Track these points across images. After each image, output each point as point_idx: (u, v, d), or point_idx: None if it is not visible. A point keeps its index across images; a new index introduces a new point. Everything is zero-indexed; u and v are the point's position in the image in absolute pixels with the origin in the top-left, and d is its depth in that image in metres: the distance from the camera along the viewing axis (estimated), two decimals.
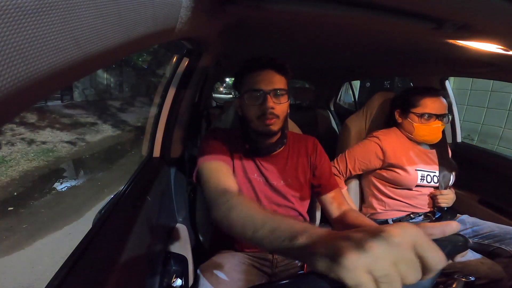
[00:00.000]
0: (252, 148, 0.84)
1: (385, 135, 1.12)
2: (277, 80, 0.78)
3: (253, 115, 0.78)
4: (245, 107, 0.80)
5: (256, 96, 0.77)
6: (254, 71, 0.78)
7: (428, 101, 1.04)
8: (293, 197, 0.87)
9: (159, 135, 1.01)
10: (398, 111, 1.12)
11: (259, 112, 0.77)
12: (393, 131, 1.15)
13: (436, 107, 1.03)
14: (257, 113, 0.77)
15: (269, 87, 0.76)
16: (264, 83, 0.76)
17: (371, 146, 1.11)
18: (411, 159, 1.08)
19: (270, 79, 0.77)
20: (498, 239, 0.96)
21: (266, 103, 0.75)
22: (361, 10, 0.56)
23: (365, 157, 1.11)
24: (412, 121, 1.07)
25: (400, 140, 1.11)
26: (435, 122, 1.04)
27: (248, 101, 0.78)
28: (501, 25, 0.55)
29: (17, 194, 3.97)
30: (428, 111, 1.03)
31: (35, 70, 0.16)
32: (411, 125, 1.07)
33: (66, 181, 4.48)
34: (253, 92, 0.77)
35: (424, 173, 1.06)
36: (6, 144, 5.21)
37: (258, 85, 0.76)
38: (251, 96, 0.77)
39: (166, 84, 1.04)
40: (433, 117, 1.03)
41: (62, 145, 5.86)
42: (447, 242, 0.46)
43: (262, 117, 0.77)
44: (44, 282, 0.42)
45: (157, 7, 0.30)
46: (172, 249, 0.84)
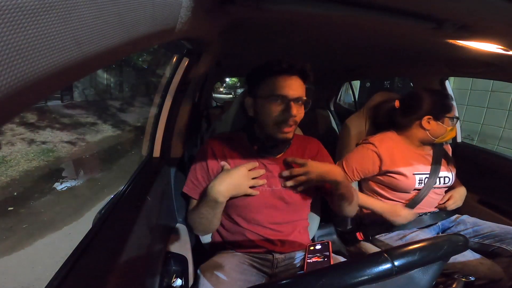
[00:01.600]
0: (260, 149, 0.83)
1: (381, 141, 1.10)
2: (301, 87, 0.76)
3: (271, 120, 0.76)
4: (263, 111, 0.77)
5: (278, 102, 0.74)
6: (279, 74, 0.75)
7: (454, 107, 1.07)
8: (296, 200, 0.87)
9: (159, 135, 1.01)
10: (429, 117, 1.05)
11: (280, 118, 0.75)
12: (389, 135, 1.13)
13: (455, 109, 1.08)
14: (277, 119, 0.75)
15: (295, 95, 0.74)
16: (290, 90, 0.74)
17: (368, 154, 1.09)
18: (409, 164, 1.07)
19: (296, 86, 0.75)
20: (499, 239, 0.96)
21: (290, 111, 0.73)
22: (361, 10, 0.56)
23: (363, 165, 1.10)
24: (445, 125, 1.05)
25: (397, 144, 1.10)
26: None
27: (270, 105, 0.75)
28: (501, 25, 0.55)
29: (17, 194, 3.96)
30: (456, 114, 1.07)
31: (35, 70, 0.16)
32: (443, 129, 1.05)
33: (66, 181, 4.47)
34: (274, 98, 0.74)
35: (422, 176, 1.06)
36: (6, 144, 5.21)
37: (284, 91, 0.73)
38: (273, 101, 0.75)
39: (166, 84, 1.04)
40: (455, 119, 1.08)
41: (62, 145, 5.85)
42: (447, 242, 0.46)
43: (282, 124, 0.75)
44: (44, 282, 0.42)
45: (157, 7, 0.30)
46: (172, 249, 0.84)
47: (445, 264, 0.48)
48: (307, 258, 0.78)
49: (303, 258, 0.81)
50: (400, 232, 1.08)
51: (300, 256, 0.86)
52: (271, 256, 0.86)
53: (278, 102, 0.75)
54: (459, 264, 0.89)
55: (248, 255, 0.86)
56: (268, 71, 0.76)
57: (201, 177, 0.86)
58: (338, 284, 0.39)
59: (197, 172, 0.87)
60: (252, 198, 0.83)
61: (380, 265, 0.40)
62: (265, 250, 0.86)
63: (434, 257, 0.44)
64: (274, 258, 0.86)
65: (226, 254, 0.86)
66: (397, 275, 0.41)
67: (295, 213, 0.89)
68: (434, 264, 0.46)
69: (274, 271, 0.85)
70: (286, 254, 0.87)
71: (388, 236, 1.10)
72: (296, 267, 0.84)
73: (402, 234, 1.08)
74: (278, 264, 0.86)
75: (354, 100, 3.01)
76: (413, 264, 0.42)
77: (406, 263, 0.41)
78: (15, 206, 3.58)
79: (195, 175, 0.87)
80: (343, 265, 0.43)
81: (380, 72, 1.98)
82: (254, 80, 0.81)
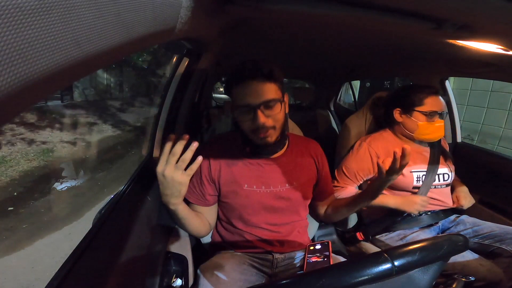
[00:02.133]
0: (253, 151, 0.83)
1: (375, 139, 1.10)
2: (266, 90, 0.71)
3: (246, 129, 0.75)
4: (238, 120, 0.76)
5: (246, 111, 0.72)
6: (240, 83, 0.71)
7: (431, 99, 1.03)
8: (297, 200, 0.87)
9: (159, 135, 1.01)
10: (399, 110, 1.10)
11: (253, 127, 0.73)
12: (382, 134, 1.13)
13: (438, 105, 1.03)
14: (250, 127, 0.74)
15: (258, 100, 0.70)
16: (252, 97, 0.70)
17: (365, 153, 1.09)
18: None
19: (258, 90, 0.70)
20: (499, 239, 0.96)
21: (257, 119, 0.70)
22: (361, 10, 0.56)
23: (364, 166, 1.09)
24: (416, 119, 1.05)
25: (392, 142, 1.10)
26: (438, 120, 1.04)
27: (239, 117, 0.74)
28: (501, 25, 0.55)
29: (17, 194, 3.96)
30: (433, 109, 1.03)
31: (35, 70, 0.16)
32: (415, 124, 1.05)
33: (66, 181, 4.47)
34: (242, 108, 0.72)
35: (420, 173, 1.06)
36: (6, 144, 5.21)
37: (246, 100, 0.71)
38: (241, 112, 0.73)
39: (166, 84, 1.04)
40: (436, 115, 1.03)
41: (62, 145, 5.85)
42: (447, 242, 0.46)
43: (256, 131, 0.74)
44: (44, 282, 0.42)
45: (157, 7, 0.30)
46: (172, 249, 0.84)
47: (445, 264, 0.48)
48: (307, 258, 0.78)
49: (303, 258, 0.81)
50: (400, 232, 1.08)
51: (300, 256, 0.86)
52: (271, 256, 0.86)
53: (246, 112, 0.72)
54: (459, 265, 0.89)
55: (248, 255, 0.86)
56: (231, 81, 0.73)
57: (196, 182, 0.85)
58: (338, 284, 0.39)
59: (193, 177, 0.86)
60: (248, 201, 0.82)
61: (380, 265, 0.40)
62: (264, 250, 0.86)
63: (434, 257, 0.44)
64: (274, 258, 0.86)
65: (226, 254, 0.86)
66: (397, 275, 0.41)
67: (294, 214, 0.89)
68: (434, 264, 0.46)
69: (274, 271, 0.85)
70: (286, 254, 0.87)
71: (389, 236, 1.09)
72: (296, 267, 0.84)
73: (402, 234, 1.07)
74: (278, 264, 0.86)
75: (354, 100, 3.01)
76: (413, 264, 0.42)
77: (406, 263, 0.41)
78: (15, 206, 3.58)
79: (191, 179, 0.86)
80: (343, 265, 0.43)
81: (380, 72, 1.98)
82: (227, 93, 0.78)
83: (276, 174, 0.85)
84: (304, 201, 0.89)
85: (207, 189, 0.84)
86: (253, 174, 0.83)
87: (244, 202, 0.82)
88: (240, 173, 0.83)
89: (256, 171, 0.84)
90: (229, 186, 0.83)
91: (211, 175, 0.84)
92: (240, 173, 0.83)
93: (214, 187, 0.85)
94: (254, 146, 0.81)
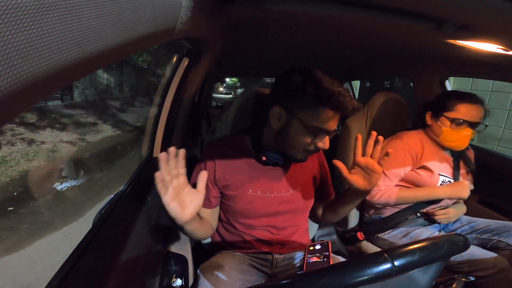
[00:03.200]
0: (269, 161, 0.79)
1: (410, 137, 1.09)
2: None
3: (301, 146, 0.72)
4: (297, 135, 0.71)
5: (318, 134, 0.70)
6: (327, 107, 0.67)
7: (464, 107, 1.00)
8: (299, 204, 0.87)
9: (159, 135, 1.01)
10: (430, 113, 1.08)
11: (311, 148, 0.72)
12: (416, 133, 1.12)
13: (471, 114, 0.99)
14: (308, 147, 0.72)
15: (333, 128, 0.71)
16: (334, 125, 0.70)
17: (405, 152, 1.06)
18: (436, 163, 1.06)
19: (336, 121, 0.70)
20: (496, 233, 0.98)
21: (325, 143, 0.71)
22: (361, 10, 0.56)
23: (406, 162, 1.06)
24: (442, 124, 1.03)
25: (424, 142, 1.09)
26: (466, 129, 1.00)
27: (309, 134, 0.70)
28: (501, 25, 0.55)
29: (17, 194, 3.96)
30: (460, 116, 1.00)
31: (35, 70, 0.16)
32: (440, 128, 1.04)
33: (66, 181, 4.47)
34: (321, 131, 0.69)
35: (445, 178, 1.05)
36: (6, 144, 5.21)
37: (329, 126, 0.69)
38: (311, 134, 0.70)
39: (166, 84, 1.04)
40: (465, 124, 1.00)
41: (62, 145, 5.85)
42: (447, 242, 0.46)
43: (310, 152, 0.73)
44: (44, 282, 0.42)
45: (157, 7, 0.30)
46: (172, 249, 0.84)
47: (445, 264, 0.48)
48: (306, 258, 0.78)
49: (303, 258, 0.81)
50: (403, 229, 1.09)
51: (299, 256, 0.86)
52: (270, 256, 0.86)
53: (317, 135, 0.70)
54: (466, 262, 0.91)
55: (247, 255, 0.86)
56: (324, 100, 0.67)
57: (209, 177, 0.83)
58: (338, 284, 0.39)
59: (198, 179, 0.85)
60: (251, 205, 0.82)
61: (380, 265, 0.40)
62: (264, 251, 0.86)
63: (434, 257, 0.44)
64: (274, 258, 0.86)
65: (225, 254, 0.86)
66: (397, 275, 0.41)
67: (296, 217, 0.89)
68: (434, 264, 0.46)
69: (273, 271, 0.85)
70: (286, 255, 0.87)
71: (392, 234, 1.10)
72: (295, 267, 0.84)
73: (405, 232, 1.08)
74: (278, 264, 0.86)
75: None
76: (413, 264, 0.42)
77: (406, 263, 0.41)
78: (15, 206, 3.58)
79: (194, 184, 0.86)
80: (343, 265, 0.43)
81: (380, 72, 1.98)
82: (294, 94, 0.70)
83: (281, 179, 0.84)
84: (306, 205, 0.89)
85: (211, 191, 0.83)
86: (258, 179, 0.82)
87: (248, 207, 0.82)
88: (245, 178, 0.82)
89: (262, 177, 0.83)
90: (233, 190, 0.82)
91: (216, 178, 0.83)
92: (245, 178, 0.82)
93: (218, 190, 0.84)
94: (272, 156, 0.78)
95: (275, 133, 0.74)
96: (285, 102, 0.71)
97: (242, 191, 0.81)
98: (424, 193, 1.04)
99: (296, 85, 0.68)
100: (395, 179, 1.07)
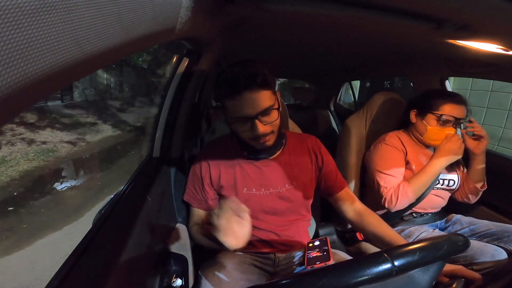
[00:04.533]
0: (251, 154, 0.83)
1: (396, 137, 1.10)
2: (262, 98, 0.68)
3: (245, 137, 0.74)
4: (235, 130, 0.75)
5: (244, 122, 0.71)
6: (233, 94, 0.67)
7: (449, 106, 1.02)
8: (298, 199, 0.86)
9: (159, 135, 1.01)
10: (415, 111, 1.09)
11: (252, 135, 0.72)
12: (396, 134, 1.13)
13: (455, 113, 1.01)
14: (249, 136, 0.73)
15: (255, 111, 0.68)
16: (249, 108, 0.67)
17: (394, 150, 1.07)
18: (418, 161, 1.07)
19: (254, 100, 0.67)
20: (496, 238, 0.97)
21: (256, 129, 0.69)
22: (361, 10, 0.56)
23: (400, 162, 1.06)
24: (427, 123, 1.04)
25: (407, 142, 1.10)
26: (450, 128, 1.02)
27: (237, 128, 0.73)
28: (501, 25, 0.55)
29: (17, 194, 3.96)
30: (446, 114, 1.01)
31: (35, 70, 0.16)
32: (425, 127, 1.05)
33: (66, 181, 4.47)
34: (239, 119, 0.70)
35: None
36: (6, 144, 5.21)
37: (243, 112, 0.68)
38: (239, 124, 0.72)
39: (166, 84, 1.04)
40: (449, 123, 1.02)
41: (62, 145, 5.85)
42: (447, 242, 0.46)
43: (255, 139, 0.73)
44: (44, 282, 0.42)
45: (157, 7, 0.30)
46: (172, 249, 0.84)
47: (445, 264, 0.48)
48: (307, 254, 0.78)
49: (303, 255, 0.81)
50: (398, 228, 1.10)
51: (300, 255, 0.87)
52: (272, 255, 0.86)
53: (243, 122, 0.71)
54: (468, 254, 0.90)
55: (249, 254, 0.86)
56: (223, 94, 0.70)
57: (198, 188, 0.86)
58: (338, 284, 0.39)
59: (194, 182, 0.87)
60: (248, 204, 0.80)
61: (380, 265, 0.40)
62: (266, 251, 0.86)
63: (434, 257, 0.44)
64: (276, 257, 0.86)
65: (227, 254, 0.86)
66: (397, 275, 0.41)
67: (295, 214, 0.88)
68: (434, 264, 0.46)
69: (275, 269, 0.85)
70: (287, 254, 0.87)
71: None
72: (296, 265, 0.84)
73: (400, 230, 1.09)
74: (280, 263, 0.86)
75: (354, 100, 3.01)
76: (413, 264, 0.42)
77: (406, 263, 0.41)
78: (15, 206, 3.58)
79: (193, 184, 0.87)
80: (343, 265, 0.43)
81: (380, 72, 1.98)
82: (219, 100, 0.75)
83: (275, 174, 0.84)
84: (305, 201, 0.89)
85: (209, 194, 0.84)
86: (252, 176, 0.83)
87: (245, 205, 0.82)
88: (238, 176, 0.82)
89: (255, 174, 0.83)
90: (228, 191, 0.83)
91: (212, 180, 0.84)
92: (238, 176, 0.82)
93: (215, 191, 0.85)
94: (252, 150, 0.81)
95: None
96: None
97: (237, 190, 0.82)
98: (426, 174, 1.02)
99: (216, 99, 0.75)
100: (398, 176, 1.05)
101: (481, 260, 0.87)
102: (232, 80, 0.67)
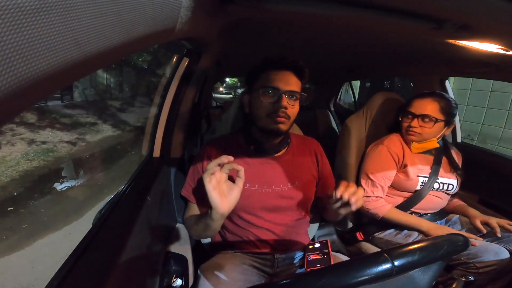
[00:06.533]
0: (257, 149, 0.83)
1: (391, 142, 1.11)
2: (294, 83, 0.77)
3: (263, 112, 0.77)
4: (256, 104, 0.78)
5: (271, 94, 0.76)
6: (273, 69, 0.77)
7: (417, 102, 1.06)
8: (298, 199, 0.87)
9: (159, 135, 1.01)
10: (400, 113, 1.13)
11: (271, 110, 0.76)
12: (395, 137, 1.13)
13: (421, 108, 1.04)
14: (268, 110, 0.76)
15: (286, 88, 0.76)
16: (282, 83, 0.76)
17: (387, 156, 1.08)
18: (414, 165, 1.07)
19: (288, 80, 0.76)
20: (496, 237, 0.96)
21: (280, 102, 0.74)
22: (361, 10, 0.56)
23: (390, 169, 1.07)
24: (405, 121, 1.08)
25: (403, 146, 1.11)
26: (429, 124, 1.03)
27: (262, 97, 0.77)
28: (501, 25, 0.55)
29: (17, 194, 3.96)
30: (411, 110, 1.06)
31: (35, 70, 0.16)
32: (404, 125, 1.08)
33: (66, 181, 4.47)
34: (268, 89, 0.76)
35: (425, 179, 1.06)
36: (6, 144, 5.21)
37: (276, 84, 0.76)
38: (265, 93, 0.76)
39: (166, 84, 1.04)
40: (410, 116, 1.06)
41: (62, 145, 5.85)
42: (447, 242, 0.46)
43: (273, 114, 0.76)
44: (44, 282, 0.42)
45: (157, 7, 0.30)
46: (172, 249, 0.84)
47: (445, 264, 0.48)
48: (306, 256, 0.78)
49: (303, 257, 0.81)
50: (398, 228, 1.09)
51: (300, 256, 0.86)
52: (271, 256, 0.86)
53: (270, 94, 0.76)
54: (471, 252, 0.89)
55: (248, 255, 0.86)
56: (264, 66, 0.79)
57: (198, 183, 0.86)
58: (338, 284, 0.39)
59: (194, 176, 0.87)
60: (249, 200, 0.82)
61: (380, 265, 0.40)
62: (265, 251, 0.86)
63: (434, 257, 0.44)
64: (275, 258, 0.86)
65: (226, 254, 0.86)
66: (397, 275, 0.41)
67: (295, 213, 0.89)
68: (434, 264, 0.46)
69: (275, 270, 0.85)
70: (287, 254, 0.87)
71: (387, 232, 1.10)
72: (296, 267, 0.84)
73: (400, 229, 1.09)
74: (279, 264, 0.86)
75: (354, 100, 3.01)
76: (413, 264, 0.42)
77: (406, 263, 0.41)
78: (15, 206, 3.58)
79: (193, 179, 0.87)
80: (343, 265, 0.43)
81: (380, 72, 1.98)
82: (251, 76, 0.82)
83: (278, 173, 0.85)
84: (305, 201, 0.89)
85: None
86: (255, 173, 0.83)
87: (245, 202, 0.82)
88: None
89: (258, 170, 0.84)
90: None
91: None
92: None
93: None
94: (259, 145, 0.83)
95: (250, 117, 0.83)
96: (248, 89, 0.85)
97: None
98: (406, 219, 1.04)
99: (248, 74, 0.84)
100: (382, 184, 1.07)
101: (484, 258, 0.86)
102: (279, 58, 0.77)
